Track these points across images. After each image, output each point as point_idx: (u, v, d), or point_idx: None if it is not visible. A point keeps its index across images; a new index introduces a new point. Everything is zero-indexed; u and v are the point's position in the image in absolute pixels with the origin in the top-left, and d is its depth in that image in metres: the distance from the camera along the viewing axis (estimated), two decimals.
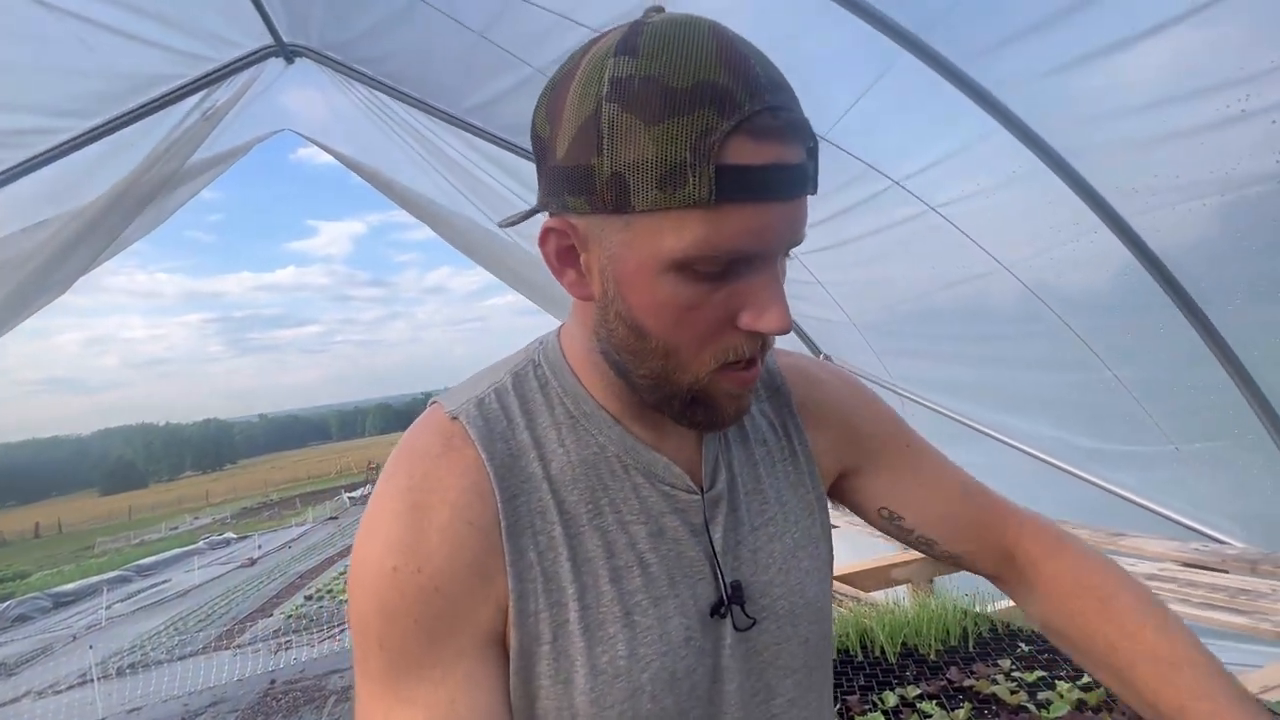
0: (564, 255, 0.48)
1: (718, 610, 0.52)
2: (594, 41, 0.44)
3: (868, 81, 1.72)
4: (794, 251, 0.49)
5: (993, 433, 2.61)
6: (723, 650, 0.53)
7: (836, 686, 1.27)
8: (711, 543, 0.53)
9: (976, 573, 0.66)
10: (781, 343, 0.66)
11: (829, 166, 2.04)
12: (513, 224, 0.55)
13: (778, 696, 0.55)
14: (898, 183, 2.01)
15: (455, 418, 0.51)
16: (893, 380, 2.94)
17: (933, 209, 2.02)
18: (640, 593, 0.50)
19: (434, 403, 0.54)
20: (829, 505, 0.65)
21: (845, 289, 2.69)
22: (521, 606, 0.47)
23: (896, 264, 2.39)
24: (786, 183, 0.41)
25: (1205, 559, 1.81)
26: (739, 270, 0.43)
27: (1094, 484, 2.32)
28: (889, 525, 0.65)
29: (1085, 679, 1.24)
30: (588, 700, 0.47)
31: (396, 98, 2.46)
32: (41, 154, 2.09)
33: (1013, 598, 0.65)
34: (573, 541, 0.49)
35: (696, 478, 0.55)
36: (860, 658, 1.39)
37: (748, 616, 0.53)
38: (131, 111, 2.17)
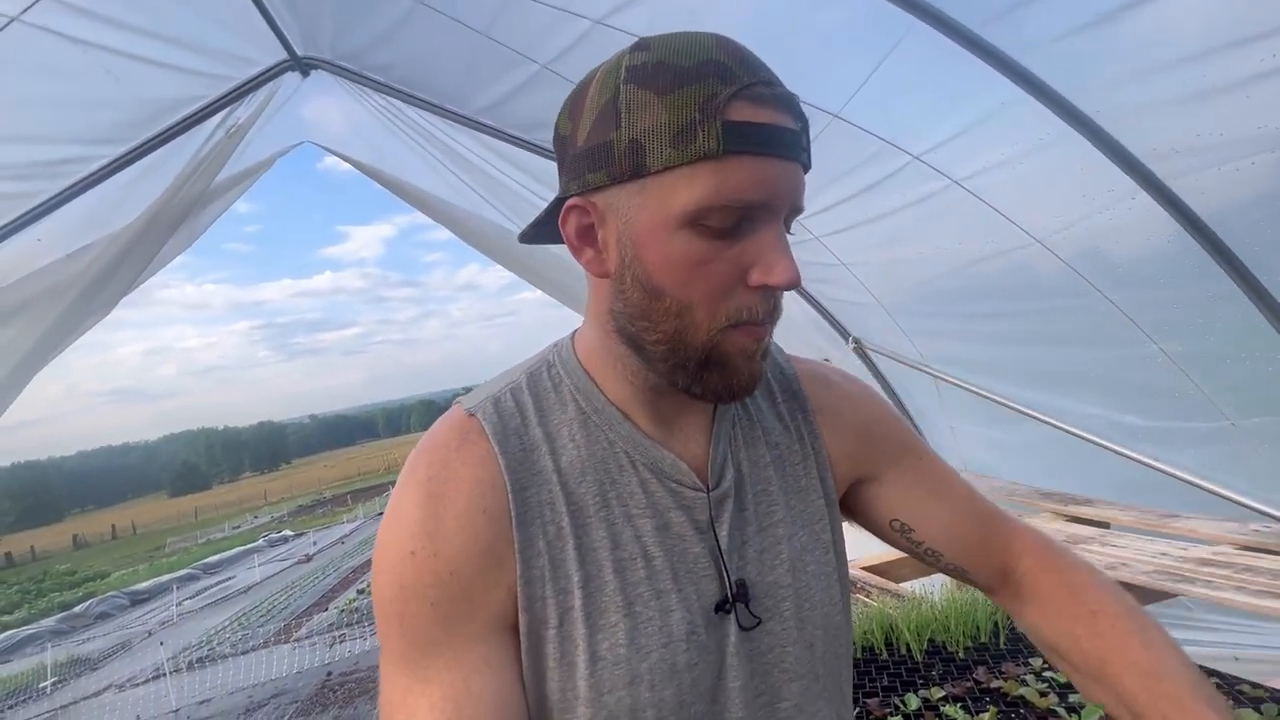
0: (583, 233, 0.51)
1: (722, 607, 0.53)
2: (608, 59, 0.50)
3: (880, 55, 1.65)
4: (816, 234, 0.51)
5: (1033, 413, 2.50)
6: (727, 647, 0.53)
7: (859, 687, 1.24)
8: (717, 540, 0.54)
9: (974, 585, 0.66)
10: (809, 324, 0.67)
11: (845, 146, 1.97)
12: (533, 236, 0.58)
13: (783, 700, 0.55)
14: (918, 157, 1.93)
15: (472, 414, 0.54)
16: (925, 361, 2.84)
17: (956, 183, 1.93)
18: (643, 584, 0.51)
19: (457, 401, 0.57)
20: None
21: (870, 269, 2.60)
22: (529, 591, 0.50)
23: (922, 242, 2.30)
24: (784, 142, 0.45)
25: (1266, 541, 1.70)
26: (746, 228, 0.46)
27: (1143, 463, 2.21)
28: (899, 538, 0.65)
29: None
30: (587, 684, 0.49)
31: (410, 102, 2.48)
32: (79, 182, 2.19)
33: (1007, 610, 0.65)
34: (579, 532, 0.51)
35: (703, 475, 0.56)
36: (885, 656, 1.35)
37: (753, 615, 0.54)
38: (159, 135, 2.25)
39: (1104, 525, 2.10)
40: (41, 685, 9.80)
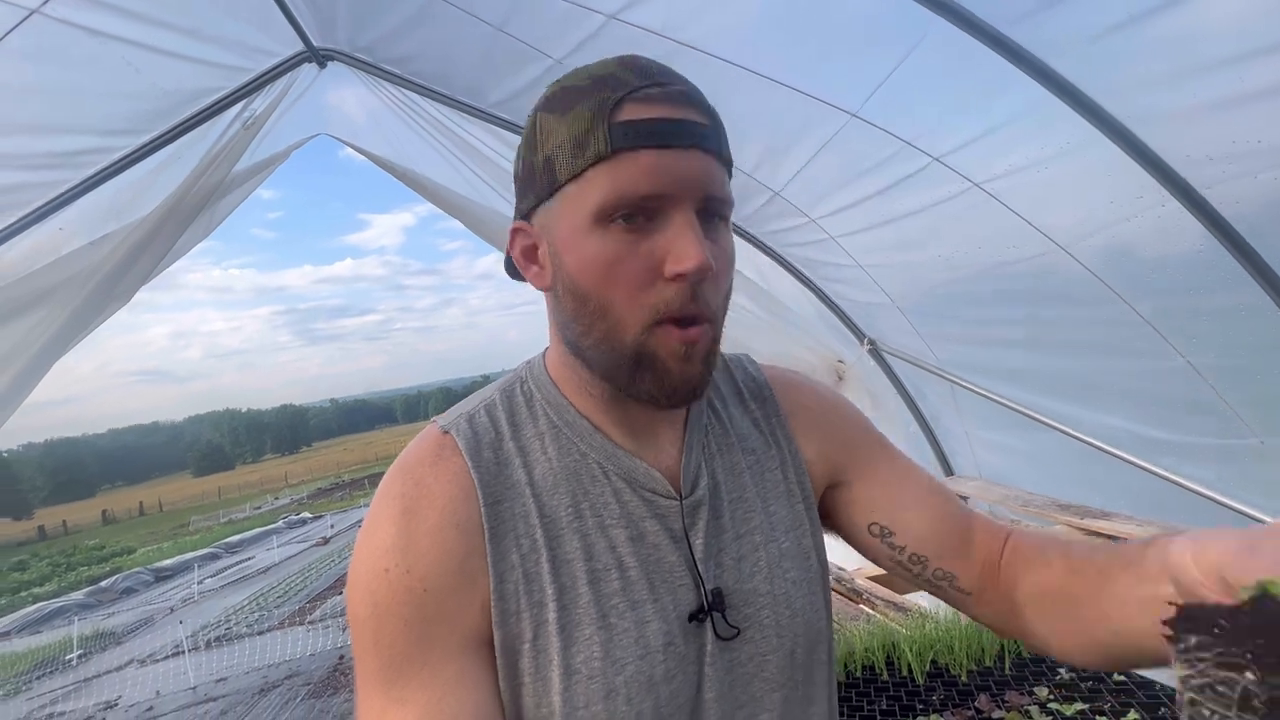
0: (528, 253, 0.55)
1: (697, 616, 0.52)
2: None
3: (900, 53, 1.60)
4: (832, 234, 0.56)
5: (1052, 422, 2.44)
6: (704, 658, 0.52)
7: (856, 710, 1.21)
8: (691, 548, 0.53)
9: (959, 592, 0.61)
10: (823, 325, 0.67)
11: (862, 146, 1.93)
12: (516, 274, 0.59)
13: (764, 711, 0.54)
14: (938, 159, 1.87)
15: (447, 431, 0.55)
16: (941, 365, 2.79)
17: (978, 186, 1.88)
18: (618, 596, 0.51)
19: (432, 420, 0.58)
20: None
21: (887, 271, 2.55)
22: (503, 606, 0.49)
23: (941, 245, 2.25)
24: (674, 133, 0.47)
25: None
26: (659, 222, 0.48)
27: (1165, 477, 2.14)
28: (880, 544, 0.62)
29: (1130, 716, 1.11)
30: (562, 699, 0.48)
31: (426, 95, 2.48)
32: (100, 171, 2.22)
33: (998, 604, 0.60)
34: (552, 544, 0.51)
35: (676, 484, 0.55)
36: (885, 677, 1.30)
37: (730, 625, 0.53)
38: (178, 126, 2.28)
39: (1122, 540, 2.05)
40: (68, 657, 10.12)
